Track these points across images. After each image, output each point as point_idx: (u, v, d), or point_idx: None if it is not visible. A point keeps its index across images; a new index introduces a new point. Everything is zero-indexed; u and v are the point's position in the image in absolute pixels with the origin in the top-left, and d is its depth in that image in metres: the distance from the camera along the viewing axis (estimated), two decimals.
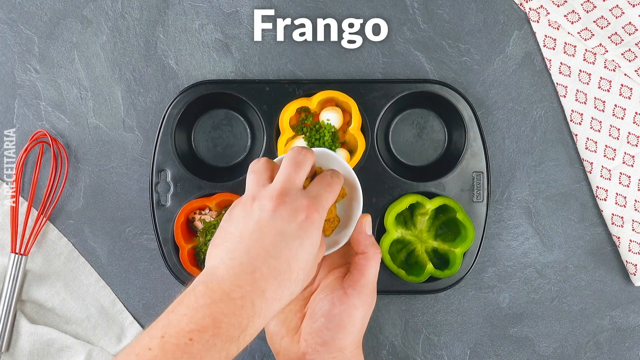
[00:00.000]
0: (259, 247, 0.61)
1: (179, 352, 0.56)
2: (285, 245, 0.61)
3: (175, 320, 0.58)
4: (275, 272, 0.60)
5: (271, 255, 0.61)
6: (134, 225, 0.89)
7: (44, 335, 0.86)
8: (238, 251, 0.61)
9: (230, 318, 0.58)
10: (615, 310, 0.89)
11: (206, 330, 0.57)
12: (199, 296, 0.59)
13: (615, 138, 0.88)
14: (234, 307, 0.58)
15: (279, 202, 0.63)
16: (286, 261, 0.61)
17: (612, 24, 0.88)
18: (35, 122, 0.89)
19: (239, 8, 0.90)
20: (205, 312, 0.58)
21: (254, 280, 0.60)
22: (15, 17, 0.89)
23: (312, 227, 0.63)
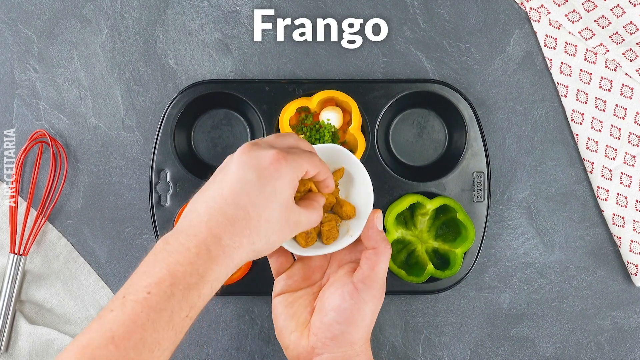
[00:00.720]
0: (217, 196, 0.62)
1: (139, 307, 0.57)
2: (243, 192, 0.61)
3: (135, 279, 0.59)
4: (232, 218, 0.61)
5: (227, 203, 0.61)
6: (133, 225, 0.89)
7: (43, 335, 0.86)
8: (198, 202, 0.62)
9: (186, 266, 0.59)
10: (616, 310, 0.89)
11: (163, 281, 0.58)
12: (157, 252, 0.60)
13: (616, 138, 0.88)
14: (189, 255, 0.59)
15: (246, 150, 0.64)
16: (243, 208, 0.61)
17: (613, 24, 0.88)
18: (34, 122, 0.89)
19: (238, 7, 0.89)
20: (161, 265, 0.59)
21: (209, 227, 0.60)
22: (14, 17, 0.89)
23: (276, 175, 0.62)
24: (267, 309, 0.89)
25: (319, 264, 0.73)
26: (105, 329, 0.57)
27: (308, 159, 0.65)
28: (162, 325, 0.58)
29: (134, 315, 0.57)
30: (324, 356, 0.68)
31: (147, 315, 0.57)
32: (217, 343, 0.88)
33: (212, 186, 0.63)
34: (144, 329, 0.57)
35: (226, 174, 0.63)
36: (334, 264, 0.73)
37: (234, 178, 0.62)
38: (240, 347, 0.89)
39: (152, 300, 0.57)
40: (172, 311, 0.58)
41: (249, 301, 0.89)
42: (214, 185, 0.63)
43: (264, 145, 0.65)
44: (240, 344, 0.89)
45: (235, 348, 0.89)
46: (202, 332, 0.88)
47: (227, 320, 0.89)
